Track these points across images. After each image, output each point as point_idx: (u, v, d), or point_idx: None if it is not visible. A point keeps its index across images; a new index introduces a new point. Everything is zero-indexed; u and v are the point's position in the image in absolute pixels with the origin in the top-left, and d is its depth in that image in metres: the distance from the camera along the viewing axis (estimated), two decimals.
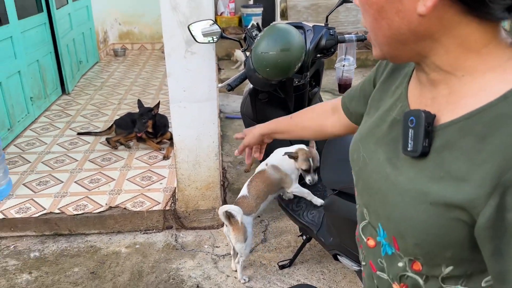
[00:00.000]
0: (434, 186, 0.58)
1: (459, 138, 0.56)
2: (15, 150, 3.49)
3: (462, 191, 0.54)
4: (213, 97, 2.45)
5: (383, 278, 0.73)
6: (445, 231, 0.58)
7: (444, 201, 0.56)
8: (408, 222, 0.62)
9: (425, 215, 0.59)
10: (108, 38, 7.09)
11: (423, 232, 0.60)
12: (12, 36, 3.78)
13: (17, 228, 2.60)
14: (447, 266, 0.63)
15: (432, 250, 0.62)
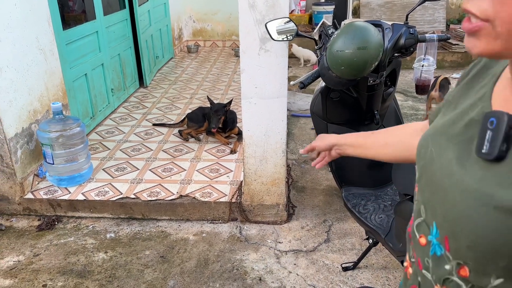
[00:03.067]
0: (502, 191, 0.54)
1: None
2: (96, 137, 3.76)
3: None
4: (283, 94, 2.47)
5: (427, 278, 0.70)
6: (504, 238, 0.54)
7: (510, 206, 0.53)
8: (465, 223, 0.59)
9: (486, 218, 0.56)
10: (183, 35, 7.39)
11: (479, 235, 0.57)
12: (98, 31, 4.07)
13: (96, 209, 2.81)
14: (497, 278, 0.58)
15: (485, 256, 0.58)
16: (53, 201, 2.82)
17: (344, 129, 2.28)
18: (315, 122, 2.40)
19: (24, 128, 2.88)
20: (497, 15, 0.52)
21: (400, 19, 6.42)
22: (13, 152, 2.77)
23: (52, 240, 2.62)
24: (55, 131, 2.81)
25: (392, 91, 2.25)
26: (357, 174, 2.34)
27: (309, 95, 4.99)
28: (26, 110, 2.90)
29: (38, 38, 2.99)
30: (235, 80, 5.49)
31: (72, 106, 3.50)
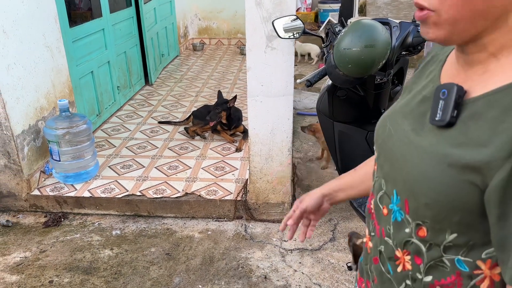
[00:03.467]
0: (454, 150, 0.62)
1: (486, 109, 0.60)
2: (102, 135, 3.78)
3: (481, 154, 0.58)
4: (289, 92, 2.47)
5: (389, 244, 0.76)
6: (457, 193, 0.62)
7: (462, 163, 0.60)
8: (423, 182, 0.65)
9: (441, 175, 0.63)
10: (188, 33, 7.39)
11: (437, 191, 0.64)
12: (104, 28, 4.08)
13: (102, 206, 2.82)
14: (451, 233, 0.66)
15: (441, 211, 0.65)
16: (60, 198, 2.83)
17: (350, 128, 2.27)
18: (321, 120, 2.40)
19: (31, 125, 2.89)
20: (441, 5, 0.61)
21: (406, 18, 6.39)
22: (20, 149, 2.79)
23: (58, 236, 2.63)
24: (62, 128, 2.82)
25: (399, 90, 2.24)
26: None
27: (315, 94, 4.98)
28: (33, 107, 2.91)
29: (45, 35, 3.00)
30: (241, 78, 5.49)
31: (78, 104, 3.51)
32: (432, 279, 0.70)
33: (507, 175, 0.56)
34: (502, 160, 0.56)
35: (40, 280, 2.27)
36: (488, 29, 0.61)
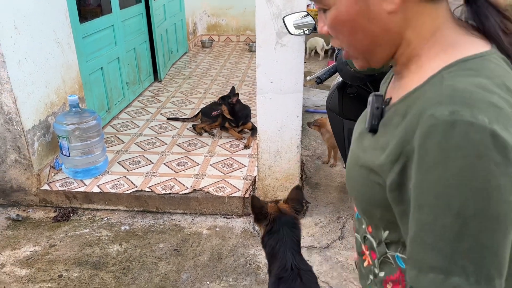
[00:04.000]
0: (366, 154, 0.69)
1: (393, 116, 0.65)
2: (111, 131, 3.79)
3: (379, 158, 0.64)
4: (299, 89, 2.45)
5: (358, 239, 0.83)
6: (369, 191, 0.68)
7: (366, 165, 0.68)
8: (350, 180, 0.75)
9: (357, 175, 0.71)
10: (197, 30, 7.39)
11: (356, 189, 0.73)
12: (114, 24, 4.09)
13: (111, 202, 2.83)
14: (384, 230, 0.72)
15: (366, 208, 0.73)
16: (69, 193, 2.85)
17: None
18: (331, 118, 2.38)
19: (41, 120, 2.91)
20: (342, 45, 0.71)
21: None
22: (31, 144, 2.81)
23: (67, 231, 2.65)
24: (72, 123, 2.84)
25: None
26: None
27: (324, 91, 4.96)
28: (43, 103, 2.93)
29: (55, 31, 3.02)
30: (249, 75, 5.48)
31: (88, 99, 3.53)
32: (384, 275, 0.75)
33: (397, 177, 0.60)
34: (391, 164, 0.61)
35: (49, 274, 2.29)
36: (392, 48, 0.68)
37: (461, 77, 0.59)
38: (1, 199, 2.94)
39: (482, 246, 0.56)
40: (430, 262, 0.57)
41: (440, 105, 0.56)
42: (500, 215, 0.55)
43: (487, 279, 0.55)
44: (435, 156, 0.55)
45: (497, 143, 0.53)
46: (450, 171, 0.55)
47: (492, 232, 0.56)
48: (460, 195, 0.55)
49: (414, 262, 0.59)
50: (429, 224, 0.57)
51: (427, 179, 0.56)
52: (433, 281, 0.56)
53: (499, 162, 0.54)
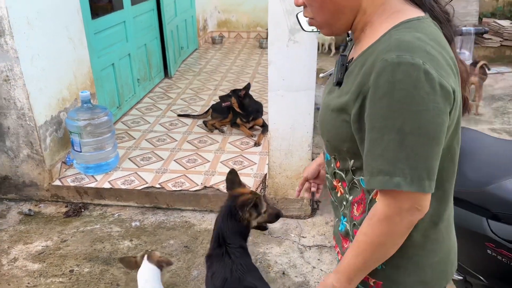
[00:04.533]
0: (335, 100, 0.90)
1: (354, 69, 0.87)
2: (122, 127, 3.81)
3: (345, 99, 0.86)
4: (311, 87, 2.43)
5: (328, 178, 1.06)
6: (340, 128, 0.90)
7: (337, 108, 0.89)
8: (324, 126, 0.96)
9: (329, 119, 0.92)
10: (207, 26, 7.38)
11: (329, 131, 0.94)
12: (125, 21, 4.10)
13: (122, 198, 2.84)
14: (350, 159, 0.93)
15: (336, 144, 0.95)
16: (80, 189, 2.87)
17: None
18: None
19: (53, 116, 2.93)
20: (313, 15, 0.90)
21: None
22: (43, 139, 2.83)
23: (78, 226, 2.66)
24: (83, 119, 2.85)
25: None
26: None
27: None
28: (55, 98, 2.95)
29: (67, 27, 3.03)
30: (260, 72, 5.46)
31: (99, 95, 3.54)
32: (352, 198, 0.97)
33: (357, 111, 0.83)
34: (354, 101, 0.83)
35: (61, 269, 2.31)
36: (351, 17, 0.88)
37: (404, 32, 0.80)
38: (13, 194, 2.97)
39: (416, 155, 0.77)
40: (379, 167, 0.80)
41: (390, 52, 0.77)
42: (429, 132, 0.77)
43: (419, 179, 0.78)
44: (384, 89, 0.77)
45: (427, 78, 0.75)
46: (395, 99, 0.76)
47: (423, 145, 0.77)
48: (401, 117, 0.76)
49: (367, 170, 0.83)
50: (378, 139, 0.79)
51: (378, 106, 0.78)
52: (381, 181, 0.80)
53: (429, 92, 0.75)
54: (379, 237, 0.85)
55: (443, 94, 0.76)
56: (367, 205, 0.93)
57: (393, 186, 0.78)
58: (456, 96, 0.80)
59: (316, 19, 0.90)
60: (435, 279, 0.98)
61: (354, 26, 0.90)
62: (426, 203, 0.82)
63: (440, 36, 0.84)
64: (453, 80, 0.80)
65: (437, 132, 0.78)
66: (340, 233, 1.05)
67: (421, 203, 0.81)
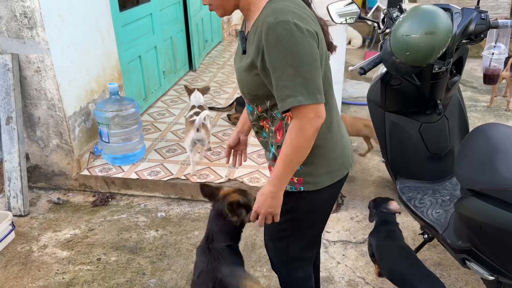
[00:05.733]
0: (244, 62, 1.26)
1: (250, 37, 1.24)
2: (148, 119, 3.85)
3: (251, 59, 1.22)
4: (339, 80, 2.40)
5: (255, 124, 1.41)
6: (254, 81, 1.25)
7: (247, 67, 1.25)
8: (241, 83, 1.31)
9: (245, 76, 1.28)
10: (232, 19, 7.36)
11: (247, 85, 1.29)
12: (152, 13, 4.13)
13: (148, 188, 2.88)
14: (267, 101, 1.29)
15: (255, 93, 1.30)
16: (108, 179, 2.92)
17: (402, 118, 2.18)
18: (371, 110, 2.32)
19: (82, 107, 2.98)
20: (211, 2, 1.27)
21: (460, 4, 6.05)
22: (72, 129, 2.88)
23: (106, 216, 2.72)
24: (111, 111, 2.89)
25: (457, 80, 2.12)
26: (414, 166, 2.24)
27: (360, 82, 4.85)
28: (84, 90, 3.00)
29: (96, 19, 3.07)
30: None
31: (126, 87, 3.58)
32: (274, 128, 1.34)
33: (261, 63, 1.19)
34: (257, 56, 1.19)
35: (88, 257, 2.36)
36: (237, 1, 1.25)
37: (277, 3, 1.19)
38: (43, 183, 3.05)
39: (306, 78, 1.15)
40: (285, 94, 1.16)
41: (269, 16, 1.15)
42: (310, 61, 1.15)
43: (314, 94, 1.16)
44: (273, 42, 1.14)
45: (297, 27, 1.13)
46: (282, 46, 1.13)
47: (309, 71, 1.15)
48: (289, 56, 1.14)
49: (278, 99, 1.19)
50: (280, 76, 1.16)
51: (273, 55, 1.15)
52: (289, 102, 1.16)
53: (301, 36, 1.13)
54: (297, 142, 1.20)
55: (310, 35, 1.15)
56: (284, 128, 1.30)
57: (298, 103, 1.15)
58: (319, 36, 1.20)
59: (213, 4, 1.27)
60: (338, 169, 1.38)
61: (241, 7, 1.27)
62: (323, 110, 1.19)
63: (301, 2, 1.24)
64: (314, 26, 1.19)
65: (315, 60, 1.16)
66: (271, 159, 1.41)
67: (320, 110, 1.18)
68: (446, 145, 2.22)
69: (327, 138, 1.32)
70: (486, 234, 1.56)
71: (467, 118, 2.33)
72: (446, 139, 2.21)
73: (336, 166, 1.37)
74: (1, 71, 2.66)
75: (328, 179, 1.36)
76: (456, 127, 2.25)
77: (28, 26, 2.57)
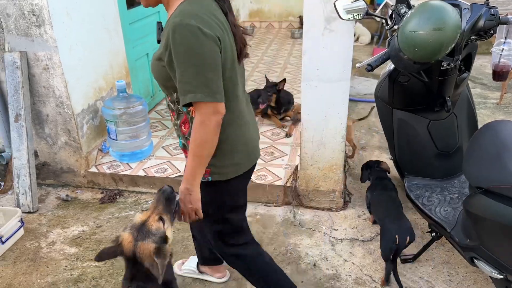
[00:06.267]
0: (157, 52, 1.35)
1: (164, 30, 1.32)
2: (156, 116, 3.86)
3: (160, 51, 1.32)
4: (346, 77, 2.38)
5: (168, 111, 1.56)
6: (162, 72, 1.35)
7: (157, 57, 1.35)
8: (153, 72, 1.40)
9: (156, 65, 1.37)
10: (239, 16, 7.35)
11: (157, 74, 1.38)
12: (160, 11, 4.12)
13: (155, 185, 2.89)
14: (174, 93, 1.38)
15: (163, 84, 1.39)
16: (116, 176, 2.94)
17: (410, 116, 2.17)
18: (379, 107, 2.30)
19: (90, 104, 3.00)
20: None
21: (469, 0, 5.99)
22: (80, 127, 2.90)
23: (113, 213, 2.73)
24: (119, 108, 2.90)
25: (466, 77, 2.10)
26: (422, 163, 2.22)
27: (369, 79, 4.82)
28: (92, 87, 3.01)
29: (104, 17, 3.08)
30: (291, 62, 5.40)
31: (134, 85, 3.60)
32: (179, 122, 1.46)
33: (168, 58, 1.28)
34: (164, 51, 1.29)
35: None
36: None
37: (186, 5, 1.29)
38: (52, 180, 3.08)
39: (207, 78, 1.26)
40: (187, 89, 1.27)
41: (176, 17, 1.25)
42: (211, 63, 1.27)
43: (213, 93, 1.28)
44: (178, 41, 1.23)
45: (200, 31, 1.24)
46: (185, 46, 1.24)
47: (209, 71, 1.27)
48: (192, 56, 1.24)
49: (180, 93, 1.29)
50: (183, 72, 1.26)
51: (178, 53, 1.25)
52: (190, 98, 1.27)
53: (203, 39, 1.24)
54: (202, 137, 1.31)
55: (211, 39, 1.26)
56: (190, 121, 1.41)
57: (198, 99, 1.26)
58: (222, 42, 1.30)
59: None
60: (243, 161, 1.50)
61: (163, 2, 1.38)
62: (221, 108, 1.31)
63: (212, 7, 1.33)
64: (219, 33, 1.29)
65: (216, 63, 1.28)
66: (181, 148, 1.56)
67: (218, 108, 1.30)
68: (455, 143, 2.19)
69: (229, 132, 1.43)
70: (495, 232, 1.54)
71: (476, 115, 2.30)
72: (455, 136, 2.19)
73: (240, 159, 1.49)
74: (10, 69, 2.68)
75: (233, 170, 1.49)
76: (465, 124, 2.23)
77: (36, 24, 2.59)
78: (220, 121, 1.32)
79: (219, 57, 1.29)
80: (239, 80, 1.44)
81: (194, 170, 1.35)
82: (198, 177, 1.36)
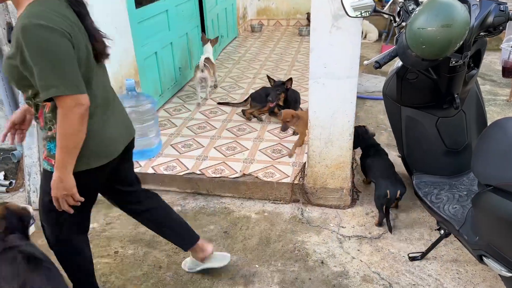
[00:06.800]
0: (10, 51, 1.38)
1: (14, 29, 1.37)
2: (164, 114, 3.89)
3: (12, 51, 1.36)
4: (354, 74, 2.38)
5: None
6: (14, 71, 1.39)
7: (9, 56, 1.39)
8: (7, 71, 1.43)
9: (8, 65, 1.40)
10: (247, 14, 7.37)
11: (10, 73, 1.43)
12: (168, 9, 4.15)
13: (164, 183, 2.91)
14: (28, 90, 1.44)
15: (17, 81, 1.43)
16: None
17: (419, 113, 2.16)
18: (387, 105, 2.30)
19: None
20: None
21: None
22: None
23: None
24: (129, 106, 2.92)
25: (475, 74, 2.09)
26: (431, 161, 2.21)
27: (377, 76, 4.80)
28: None
29: (113, 16, 3.10)
30: (298, 60, 5.40)
31: (143, 83, 3.62)
32: (37, 114, 1.50)
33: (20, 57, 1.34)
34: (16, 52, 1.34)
35: (106, 250, 2.41)
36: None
37: (34, 7, 1.34)
38: None
39: (63, 72, 1.33)
40: (47, 84, 1.32)
41: (25, 18, 1.30)
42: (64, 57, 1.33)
43: (71, 86, 1.35)
44: (29, 41, 1.29)
45: (49, 29, 1.30)
46: (37, 45, 1.29)
47: (64, 65, 1.33)
48: (45, 53, 1.30)
49: (41, 89, 1.34)
50: (40, 69, 1.31)
51: (31, 52, 1.29)
52: (51, 92, 1.33)
53: (52, 36, 1.30)
54: (67, 129, 1.37)
55: (62, 35, 1.32)
56: (45, 117, 1.47)
57: (59, 93, 1.33)
58: (74, 38, 1.36)
59: None
60: (94, 156, 1.52)
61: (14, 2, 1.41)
62: (83, 99, 1.37)
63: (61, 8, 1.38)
64: (70, 29, 1.35)
65: (70, 57, 1.35)
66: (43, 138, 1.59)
67: (80, 99, 1.36)
68: (464, 140, 2.18)
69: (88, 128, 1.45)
70: (504, 229, 1.54)
71: (485, 112, 2.29)
72: (464, 134, 2.18)
73: (92, 153, 1.51)
74: None
75: (84, 164, 1.50)
76: (474, 121, 2.22)
77: None
78: (85, 113, 1.38)
79: (71, 50, 1.35)
80: (94, 79, 1.48)
81: (64, 159, 1.41)
82: (69, 166, 1.43)
